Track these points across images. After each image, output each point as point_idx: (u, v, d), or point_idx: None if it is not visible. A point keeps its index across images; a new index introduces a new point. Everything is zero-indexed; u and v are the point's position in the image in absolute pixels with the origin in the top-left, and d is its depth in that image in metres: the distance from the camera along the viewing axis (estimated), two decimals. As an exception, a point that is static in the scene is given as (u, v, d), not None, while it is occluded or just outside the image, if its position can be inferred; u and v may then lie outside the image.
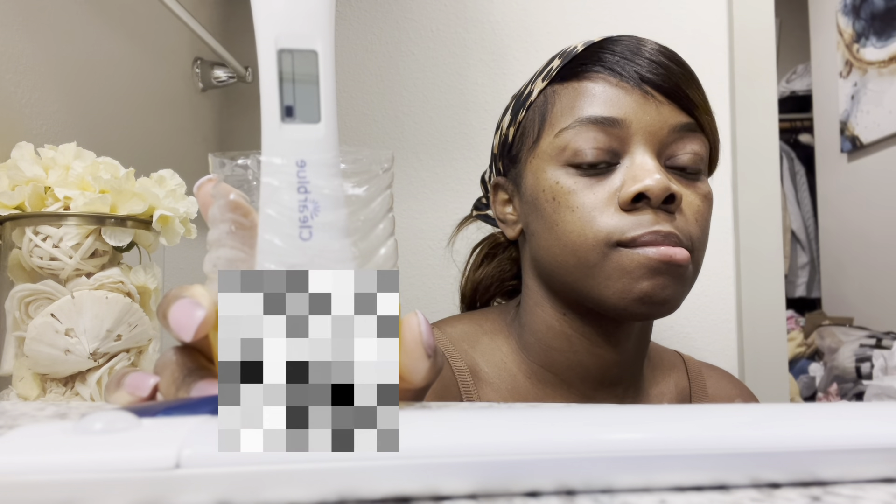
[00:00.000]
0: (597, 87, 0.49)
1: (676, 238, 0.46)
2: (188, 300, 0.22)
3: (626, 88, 0.48)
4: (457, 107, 1.02)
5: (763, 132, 0.99)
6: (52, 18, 0.61)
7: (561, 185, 0.48)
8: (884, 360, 1.80)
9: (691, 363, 0.62)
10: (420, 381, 0.23)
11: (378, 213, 0.24)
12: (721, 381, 0.62)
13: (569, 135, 0.48)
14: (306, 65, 0.23)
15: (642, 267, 0.45)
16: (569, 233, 0.48)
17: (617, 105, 0.48)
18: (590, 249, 0.47)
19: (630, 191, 0.46)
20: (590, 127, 0.48)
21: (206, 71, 0.96)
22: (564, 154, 0.48)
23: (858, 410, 0.21)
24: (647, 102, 0.48)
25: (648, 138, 0.48)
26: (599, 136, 0.47)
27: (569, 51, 0.52)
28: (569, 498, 0.17)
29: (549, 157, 0.50)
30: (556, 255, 0.49)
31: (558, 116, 0.50)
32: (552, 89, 0.51)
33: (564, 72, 0.51)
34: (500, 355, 0.55)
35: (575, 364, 0.52)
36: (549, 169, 0.49)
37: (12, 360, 0.45)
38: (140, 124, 0.78)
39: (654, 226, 0.46)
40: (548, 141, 0.50)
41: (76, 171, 0.46)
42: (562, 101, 0.50)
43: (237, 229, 0.23)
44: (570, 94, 0.50)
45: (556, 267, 0.50)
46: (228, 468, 0.16)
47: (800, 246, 2.75)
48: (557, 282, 0.51)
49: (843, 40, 2.33)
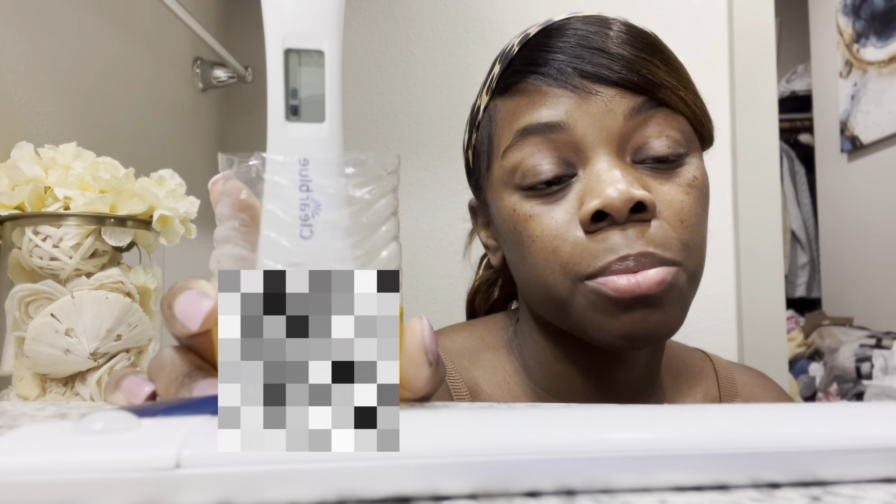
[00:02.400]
0: (529, 93, 0.42)
1: (652, 257, 0.39)
2: (196, 291, 0.22)
3: (566, 88, 0.41)
4: (457, 107, 1.02)
5: (763, 132, 0.99)
6: (52, 18, 0.61)
7: (517, 212, 0.42)
8: (884, 360, 1.80)
9: (720, 365, 0.55)
10: (421, 388, 0.23)
11: (382, 215, 0.24)
12: (756, 388, 0.54)
13: (513, 154, 0.42)
14: (313, 65, 0.23)
15: (612, 304, 0.39)
16: (534, 266, 0.42)
17: (555, 108, 0.41)
18: (556, 285, 0.41)
19: (587, 209, 0.39)
20: (531, 139, 0.41)
21: (206, 71, 0.96)
22: (514, 176, 0.42)
23: (858, 410, 0.21)
24: (587, 98, 0.40)
25: (602, 138, 0.40)
26: (545, 147, 0.41)
27: (506, 51, 0.46)
28: (569, 498, 0.17)
29: (501, 182, 0.43)
30: (531, 290, 0.44)
31: (501, 135, 0.44)
32: (494, 104, 0.45)
33: (502, 82, 0.44)
34: (502, 374, 0.50)
35: (579, 388, 0.47)
36: (505, 195, 0.43)
37: (12, 360, 0.45)
38: (140, 124, 0.78)
39: (624, 249, 0.38)
40: (497, 164, 0.44)
41: (76, 171, 0.46)
42: (502, 117, 0.44)
43: (242, 227, 0.23)
44: (508, 107, 0.43)
45: (533, 301, 0.45)
46: (228, 468, 0.16)
47: (800, 246, 2.75)
48: (538, 311, 0.47)
49: (843, 40, 2.33)
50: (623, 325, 0.39)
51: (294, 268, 0.22)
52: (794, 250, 2.75)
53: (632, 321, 0.39)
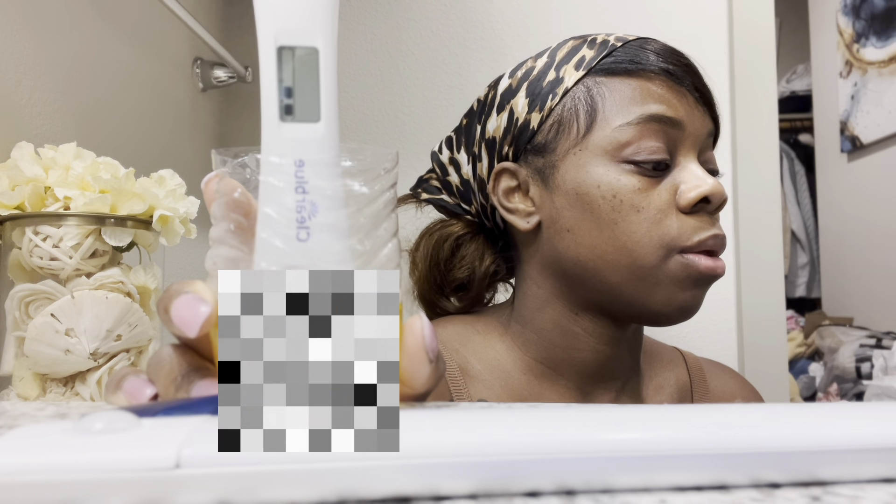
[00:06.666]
0: (656, 86, 0.48)
1: (725, 242, 0.48)
2: (192, 295, 0.22)
3: (682, 92, 0.49)
4: (457, 107, 1.02)
5: (763, 132, 0.99)
6: (52, 19, 0.61)
7: (623, 182, 0.47)
8: (884, 360, 1.80)
9: (690, 359, 0.62)
10: (421, 385, 0.23)
11: (381, 212, 0.24)
12: (722, 375, 0.62)
13: (631, 131, 0.47)
14: (307, 62, 0.22)
15: (690, 278, 0.47)
16: (631, 233, 0.47)
17: (678, 108, 0.48)
18: (650, 252, 0.47)
19: (695, 194, 0.46)
20: (655, 125, 0.47)
21: (206, 71, 0.96)
22: (624, 150, 0.47)
23: (858, 410, 0.21)
24: (697, 108, 0.49)
25: (696, 143, 0.49)
26: (661, 135, 0.47)
27: (598, 42, 0.51)
28: (569, 498, 0.17)
29: (602, 151, 0.48)
30: (604, 254, 0.48)
31: (614, 110, 0.48)
32: (594, 80, 0.50)
33: (607, 64, 0.49)
34: (493, 353, 0.54)
35: (576, 361, 0.52)
36: (603, 164, 0.48)
37: (12, 360, 0.45)
38: (140, 124, 0.78)
39: (714, 230, 0.47)
40: (601, 135, 0.48)
41: (76, 171, 0.46)
42: (615, 95, 0.49)
43: (237, 228, 0.23)
44: (624, 88, 0.48)
45: (602, 266, 0.48)
46: (228, 468, 0.16)
47: (800, 246, 2.75)
48: (591, 281, 0.49)
49: (843, 40, 2.33)
50: (687, 299, 0.47)
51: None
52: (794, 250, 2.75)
53: (694, 296, 0.48)
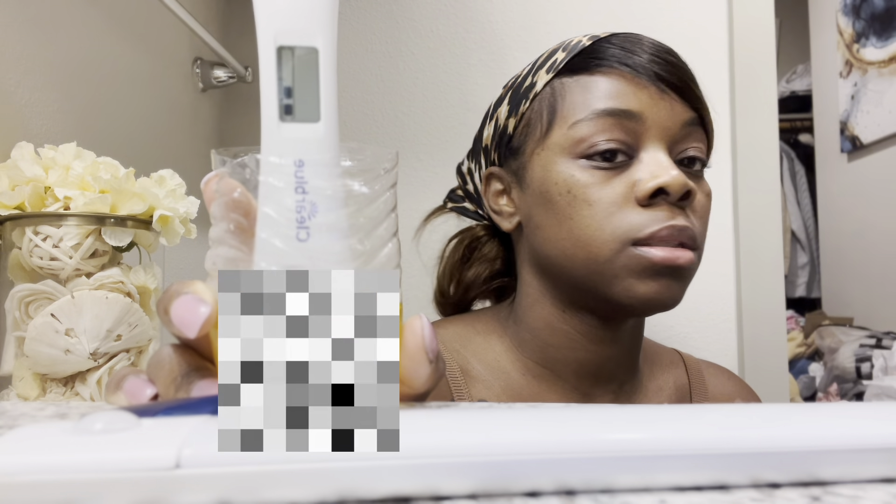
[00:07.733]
0: (612, 80, 0.49)
1: (690, 232, 0.47)
2: (191, 296, 0.22)
3: (641, 83, 0.48)
4: (457, 107, 1.02)
5: (763, 132, 0.99)
6: (52, 18, 0.61)
7: (577, 178, 0.48)
8: (884, 360, 1.80)
9: (690, 360, 0.62)
10: (421, 385, 0.23)
11: (381, 212, 0.24)
12: (721, 377, 0.62)
13: (584, 127, 0.48)
14: (306, 62, 0.22)
15: (648, 270, 0.46)
16: (584, 227, 0.47)
17: (634, 99, 0.48)
18: (603, 245, 0.47)
19: (650, 185, 0.46)
20: (607, 119, 0.48)
21: (206, 71, 0.96)
22: (579, 146, 0.48)
23: (858, 410, 0.21)
24: (661, 98, 0.48)
25: (662, 134, 0.48)
26: (616, 129, 0.47)
27: (573, 44, 0.52)
28: (569, 498, 0.17)
29: (561, 149, 0.49)
30: (564, 249, 0.49)
31: (571, 108, 0.49)
32: (560, 81, 0.51)
33: (573, 64, 0.51)
34: (493, 354, 0.54)
35: (572, 360, 0.52)
36: (562, 161, 0.49)
37: (12, 360, 0.45)
38: (140, 124, 0.78)
39: (670, 220, 0.46)
40: (560, 133, 0.49)
41: (76, 171, 0.46)
42: (573, 94, 0.50)
43: (236, 228, 0.23)
44: (582, 86, 0.49)
45: (564, 261, 0.49)
46: (228, 468, 0.16)
47: (800, 246, 2.75)
48: (561, 276, 0.51)
49: (843, 40, 2.33)
50: (649, 291, 0.46)
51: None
52: (794, 250, 2.75)
53: (657, 288, 0.46)
